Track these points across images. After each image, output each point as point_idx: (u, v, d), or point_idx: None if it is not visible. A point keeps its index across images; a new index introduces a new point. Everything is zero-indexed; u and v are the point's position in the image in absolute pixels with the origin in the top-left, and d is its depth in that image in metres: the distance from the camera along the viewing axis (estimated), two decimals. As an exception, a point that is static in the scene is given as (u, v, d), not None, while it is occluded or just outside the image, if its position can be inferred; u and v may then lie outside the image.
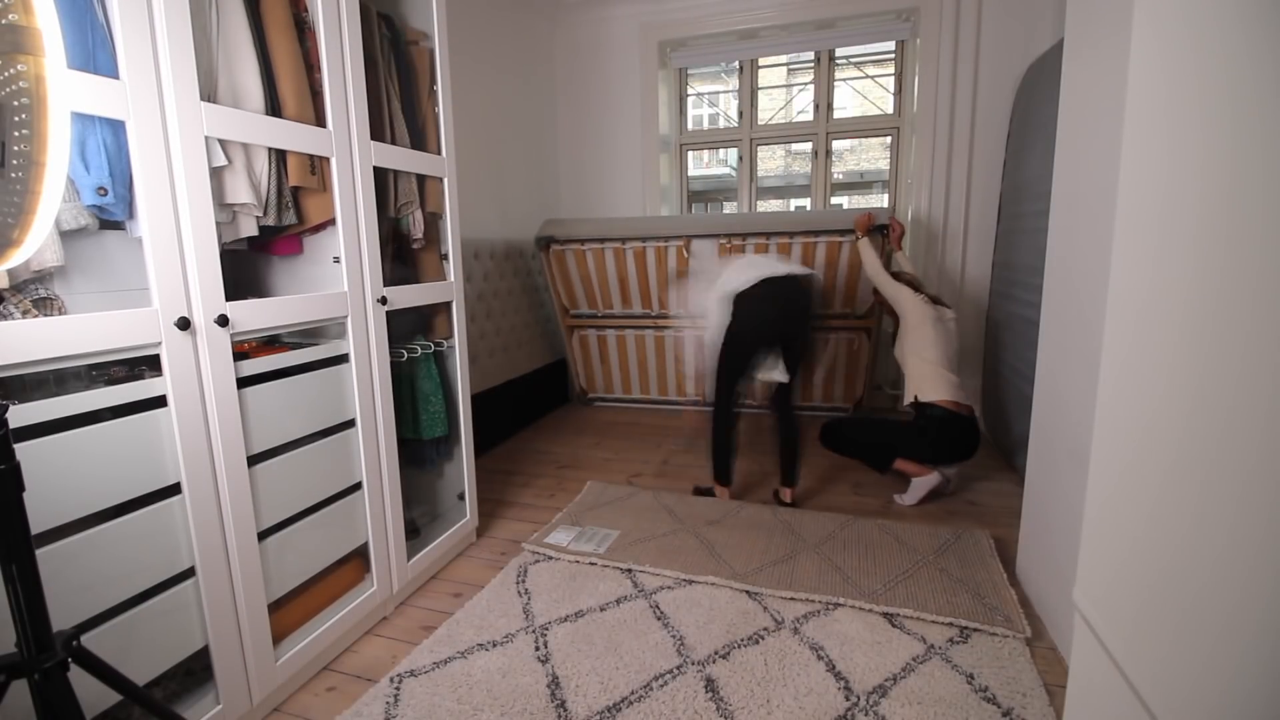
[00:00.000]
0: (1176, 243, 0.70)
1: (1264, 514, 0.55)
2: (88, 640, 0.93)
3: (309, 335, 1.57)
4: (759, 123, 4.03)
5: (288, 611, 1.45)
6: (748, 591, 1.79)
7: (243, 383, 1.28)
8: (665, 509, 2.36)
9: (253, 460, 1.31)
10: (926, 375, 2.38)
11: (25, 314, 1.03)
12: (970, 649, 1.52)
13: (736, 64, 3.96)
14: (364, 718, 1.34)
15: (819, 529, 2.15)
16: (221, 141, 1.23)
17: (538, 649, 1.55)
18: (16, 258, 0.70)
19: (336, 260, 1.54)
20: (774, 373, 2.31)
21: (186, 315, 1.14)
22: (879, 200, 9.75)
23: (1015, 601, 1.68)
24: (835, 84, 3.88)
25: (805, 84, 4.07)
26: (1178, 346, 0.69)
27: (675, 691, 1.39)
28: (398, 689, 1.42)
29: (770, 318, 2.28)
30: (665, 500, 2.44)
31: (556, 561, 1.98)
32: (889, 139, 3.83)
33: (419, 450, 2.01)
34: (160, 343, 1.11)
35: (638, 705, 1.36)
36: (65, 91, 0.69)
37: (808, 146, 3.95)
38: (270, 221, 1.38)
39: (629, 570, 1.92)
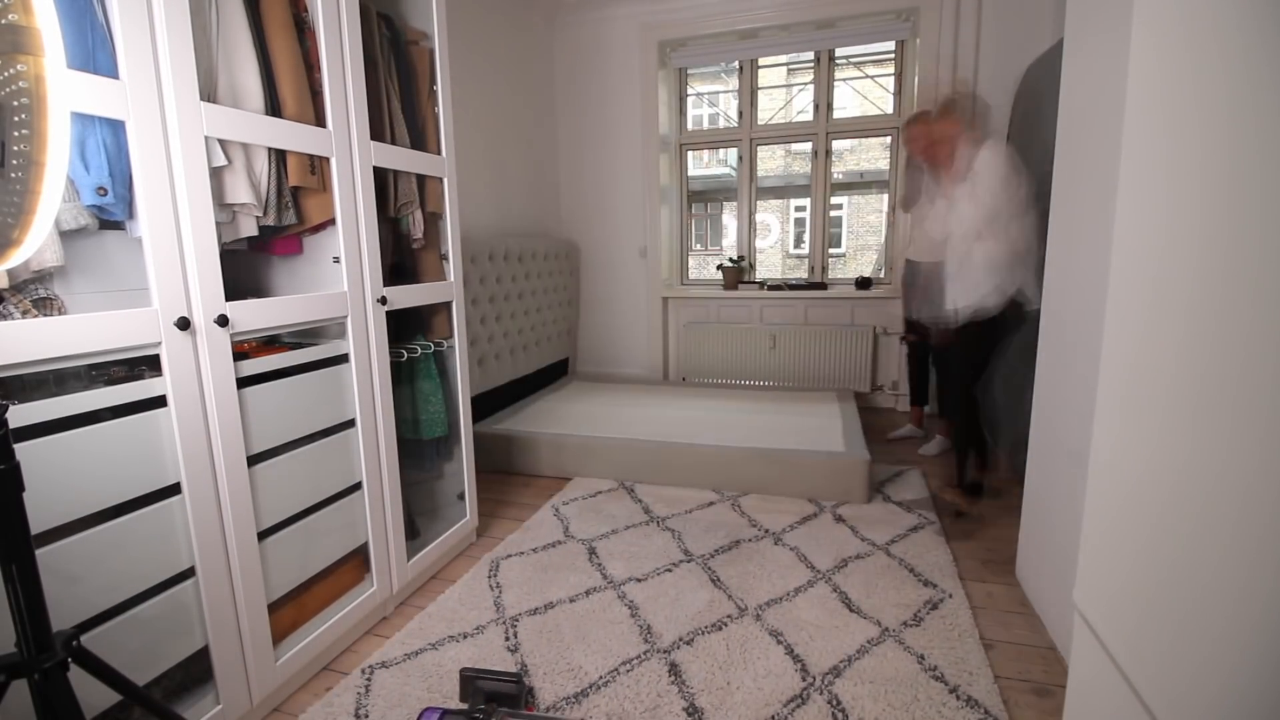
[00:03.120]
0: (1177, 241, 0.70)
1: (1266, 514, 0.55)
2: (88, 640, 0.93)
3: (309, 335, 1.57)
4: (759, 123, 4.03)
5: (288, 611, 1.45)
6: (712, 580, 1.84)
7: (243, 383, 1.28)
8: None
9: (253, 460, 1.31)
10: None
11: (25, 314, 1.03)
12: (922, 631, 1.58)
13: (736, 64, 3.96)
14: (334, 708, 1.36)
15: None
16: (221, 141, 1.23)
17: (508, 639, 1.59)
18: (16, 258, 0.70)
19: (336, 260, 1.54)
20: None
21: (186, 315, 1.14)
22: (879, 200, 9.78)
23: (956, 575, 1.83)
24: (835, 84, 3.88)
25: (805, 84, 4.07)
26: (1178, 346, 0.69)
27: (640, 676, 1.44)
28: (369, 680, 1.45)
29: None
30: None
31: (528, 555, 2.02)
32: (889, 139, 3.83)
33: (419, 450, 2.01)
34: (160, 343, 1.11)
35: (604, 690, 1.40)
36: (65, 91, 0.69)
37: (808, 146, 3.95)
38: (270, 221, 1.38)
39: (592, 551, 2.01)
